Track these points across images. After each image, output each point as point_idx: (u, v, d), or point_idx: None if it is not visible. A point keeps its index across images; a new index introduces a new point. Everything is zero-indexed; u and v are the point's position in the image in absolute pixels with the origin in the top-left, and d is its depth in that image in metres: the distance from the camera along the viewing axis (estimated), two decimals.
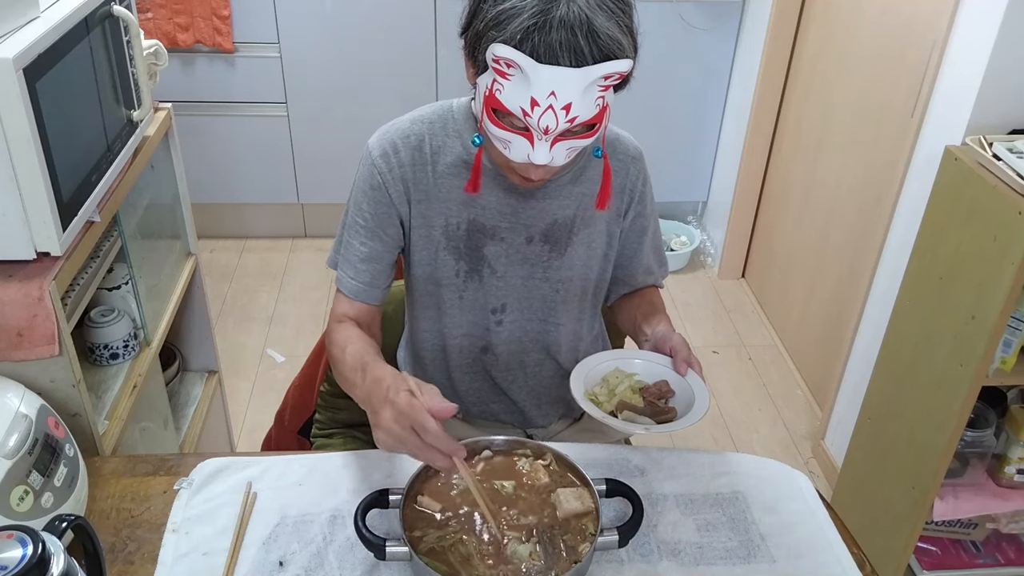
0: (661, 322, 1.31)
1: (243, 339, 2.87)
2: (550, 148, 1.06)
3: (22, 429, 1.05)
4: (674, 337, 1.22)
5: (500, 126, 1.06)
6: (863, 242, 2.34)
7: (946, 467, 1.78)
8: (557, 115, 1.02)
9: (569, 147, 1.08)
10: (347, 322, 1.25)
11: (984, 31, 1.71)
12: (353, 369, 1.13)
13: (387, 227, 1.25)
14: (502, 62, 1.00)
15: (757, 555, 1.11)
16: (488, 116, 1.07)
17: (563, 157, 1.08)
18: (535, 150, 1.06)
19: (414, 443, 0.96)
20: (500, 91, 1.03)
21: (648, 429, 1.10)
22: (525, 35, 0.99)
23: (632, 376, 1.21)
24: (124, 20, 1.39)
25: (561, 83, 1.00)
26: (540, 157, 1.06)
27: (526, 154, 1.07)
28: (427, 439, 0.95)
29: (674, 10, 3.01)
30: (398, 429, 0.96)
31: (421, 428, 0.94)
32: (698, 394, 1.16)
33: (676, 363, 1.19)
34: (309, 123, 3.14)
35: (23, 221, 1.13)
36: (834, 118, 2.56)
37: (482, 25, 1.03)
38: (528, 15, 0.99)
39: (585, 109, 1.03)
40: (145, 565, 1.06)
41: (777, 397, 2.74)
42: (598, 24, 0.99)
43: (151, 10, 2.84)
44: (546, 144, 1.05)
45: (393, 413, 0.96)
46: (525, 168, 1.11)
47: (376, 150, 1.23)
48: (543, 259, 1.29)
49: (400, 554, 1.00)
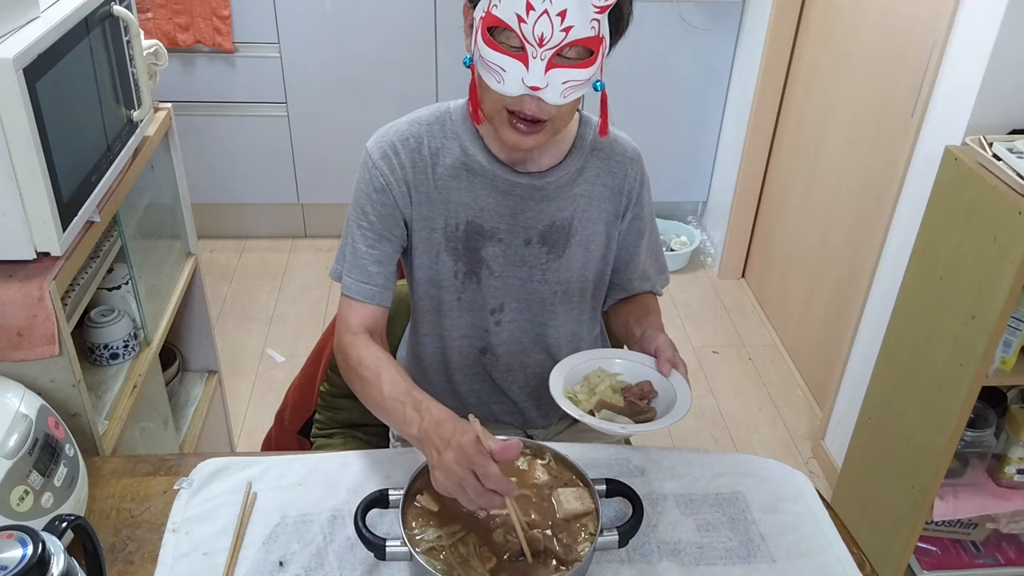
0: (651, 324, 1.31)
1: (243, 339, 2.87)
2: (545, 71, 1.05)
3: (22, 429, 1.05)
4: (660, 337, 1.22)
5: (495, 47, 1.06)
6: (863, 242, 2.34)
7: (946, 467, 1.78)
8: (552, 21, 1.02)
9: (566, 80, 1.06)
10: (363, 335, 1.22)
11: (984, 31, 1.71)
12: (401, 403, 1.10)
13: (394, 228, 1.25)
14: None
15: (757, 555, 1.11)
16: (483, 38, 1.06)
17: (559, 92, 1.07)
18: (530, 72, 1.05)
19: (472, 485, 0.95)
20: (496, 7, 1.04)
21: (624, 428, 1.09)
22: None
23: (615, 376, 1.21)
24: (124, 20, 1.39)
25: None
26: (535, 78, 1.05)
27: (520, 79, 1.06)
28: (488, 484, 0.95)
29: (674, 10, 3.01)
30: (458, 471, 0.96)
31: (483, 472, 0.94)
32: (680, 395, 1.15)
33: (660, 363, 1.19)
34: (309, 123, 3.14)
35: (23, 221, 1.13)
36: (834, 118, 2.56)
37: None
38: None
39: (580, 22, 1.02)
40: (145, 565, 1.06)
41: (777, 397, 2.74)
42: None
43: (151, 10, 2.84)
44: (541, 65, 1.04)
45: (456, 455, 0.96)
46: (520, 102, 1.09)
47: (376, 152, 1.23)
48: (541, 261, 1.29)
49: (400, 554, 1.00)
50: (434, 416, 1.04)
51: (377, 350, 1.19)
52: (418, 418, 1.06)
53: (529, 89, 1.06)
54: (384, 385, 1.13)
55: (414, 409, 1.07)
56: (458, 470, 0.96)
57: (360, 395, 1.20)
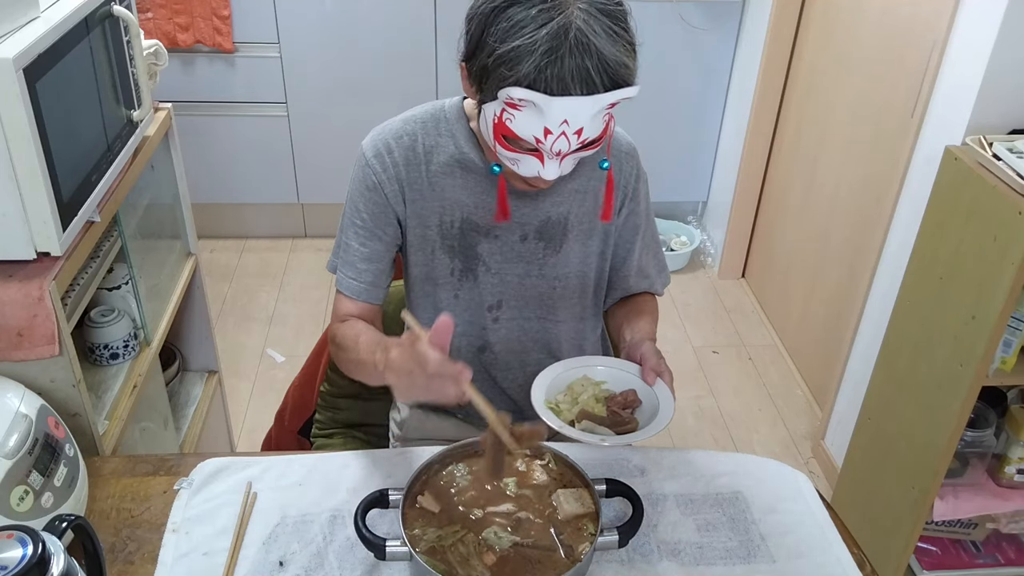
0: (642, 328, 1.30)
1: (243, 339, 2.87)
2: (559, 164, 1.08)
3: (22, 429, 1.05)
4: (645, 345, 1.21)
5: (511, 149, 1.08)
6: (863, 242, 2.34)
7: (946, 467, 1.78)
8: (569, 140, 1.04)
9: (576, 159, 1.11)
10: (351, 319, 1.26)
11: (984, 31, 1.71)
12: (371, 351, 1.12)
13: (385, 227, 1.25)
14: (515, 99, 1.01)
15: (757, 555, 1.11)
16: (499, 142, 1.08)
17: (570, 167, 1.11)
18: (546, 167, 1.08)
19: (420, 376, 0.97)
20: (511, 120, 1.04)
21: (604, 440, 1.08)
22: (538, 74, 0.99)
23: (599, 384, 1.19)
24: (124, 20, 1.39)
25: (573, 112, 1.01)
26: (550, 174, 1.09)
27: (536, 171, 1.09)
28: (429, 369, 0.96)
29: (674, 10, 3.01)
30: (404, 365, 0.99)
31: (423, 359, 0.96)
32: (663, 405, 1.13)
33: (644, 372, 1.18)
34: (309, 123, 3.14)
35: (23, 221, 1.13)
36: (834, 118, 2.56)
37: (490, 61, 1.02)
38: (540, 54, 0.99)
39: (594, 129, 1.05)
40: (145, 565, 1.06)
41: (777, 397, 2.74)
42: (607, 53, 1.00)
43: (151, 10, 2.84)
44: (556, 161, 1.08)
45: (398, 352, 1.00)
46: (534, 180, 1.13)
47: (370, 151, 1.23)
48: (538, 256, 1.29)
49: (400, 554, 1.00)
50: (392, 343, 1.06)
51: (361, 324, 1.24)
52: (383, 356, 1.07)
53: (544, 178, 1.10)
54: (360, 346, 1.17)
55: (383, 351, 1.08)
56: (403, 364, 0.99)
57: (346, 368, 1.24)
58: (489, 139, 1.10)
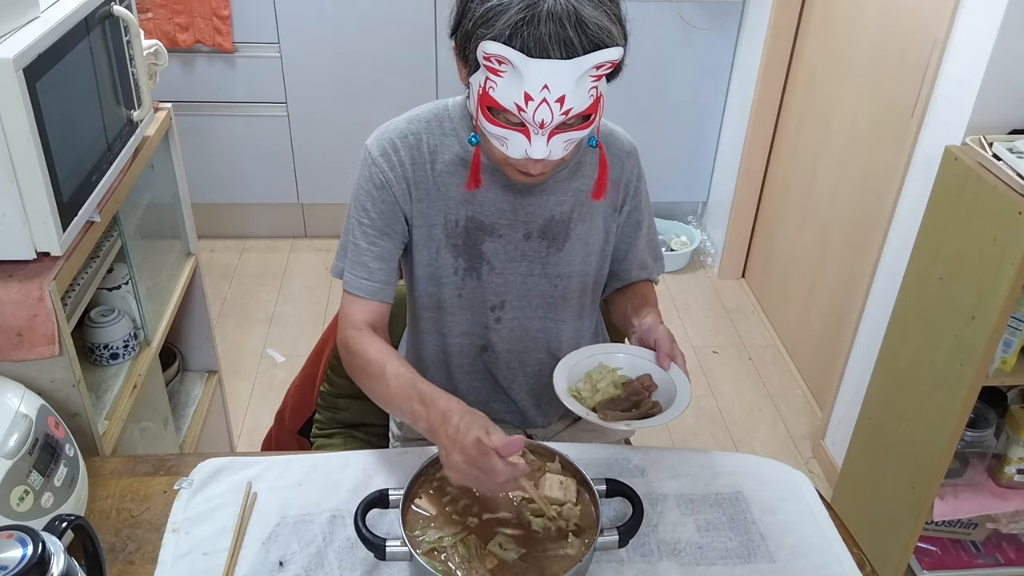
0: (649, 314, 1.31)
1: (243, 339, 2.87)
2: (547, 142, 1.07)
3: (22, 429, 1.05)
4: (659, 329, 1.23)
5: (496, 123, 1.08)
6: (863, 242, 2.34)
7: (946, 467, 1.78)
8: (551, 108, 1.03)
9: (566, 140, 1.09)
10: (366, 330, 1.23)
11: (984, 31, 1.71)
12: (407, 399, 1.11)
13: (394, 224, 1.25)
14: (493, 59, 1.02)
15: (757, 555, 1.11)
16: (483, 114, 1.08)
17: (561, 150, 1.09)
18: (532, 144, 1.07)
19: (484, 481, 1.01)
20: (493, 88, 1.04)
21: (629, 425, 1.10)
22: (514, 30, 1.00)
23: (615, 371, 1.21)
24: (124, 20, 1.39)
25: (553, 76, 1.01)
26: (537, 151, 1.07)
27: (523, 149, 1.08)
28: (497, 480, 0.98)
29: (674, 10, 3.01)
30: (468, 470, 1.00)
31: (491, 471, 0.98)
32: (680, 388, 1.16)
33: (659, 357, 1.20)
34: (309, 123, 3.14)
35: (23, 221, 1.13)
36: (834, 118, 2.56)
37: (471, 24, 1.04)
38: (516, 10, 1.00)
39: (579, 100, 1.04)
40: (145, 565, 1.06)
41: (777, 397, 2.74)
42: (586, 14, 1.00)
43: (151, 10, 2.84)
44: (543, 138, 1.06)
45: (463, 457, 1.00)
46: (524, 163, 1.12)
47: (376, 150, 1.23)
48: (541, 255, 1.29)
49: (400, 554, 1.00)
50: (440, 410, 1.05)
51: (381, 344, 1.21)
52: (425, 413, 1.07)
53: (531, 157, 1.09)
54: (390, 380, 1.15)
55: (420, 403, 1.08)
56: (468, 469, 1.00)
57: (367, 391, 1.22)
58: (475, 114, 1.10)
